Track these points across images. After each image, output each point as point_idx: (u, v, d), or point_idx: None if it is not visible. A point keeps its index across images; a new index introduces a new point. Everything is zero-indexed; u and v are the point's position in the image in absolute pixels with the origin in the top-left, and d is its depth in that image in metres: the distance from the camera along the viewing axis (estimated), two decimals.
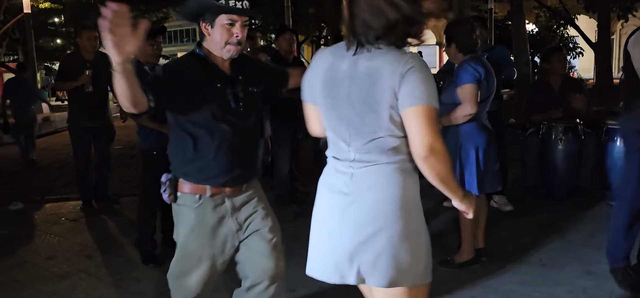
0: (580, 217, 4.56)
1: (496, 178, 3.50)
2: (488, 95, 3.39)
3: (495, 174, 3.48)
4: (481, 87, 3.26)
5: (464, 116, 3.26)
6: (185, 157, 2.27)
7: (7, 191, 6.51)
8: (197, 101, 2.20)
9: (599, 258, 3.63)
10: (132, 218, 4.84)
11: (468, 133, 3.35)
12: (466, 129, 3.34)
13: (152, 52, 3.73)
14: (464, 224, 3.49)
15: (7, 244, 4.38)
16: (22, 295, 3.41)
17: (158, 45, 3.78)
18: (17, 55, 22.84)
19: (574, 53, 20.17)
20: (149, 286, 3.46)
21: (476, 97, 3.24)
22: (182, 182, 2.30)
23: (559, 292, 3.20)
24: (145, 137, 3.74)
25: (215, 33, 2.19)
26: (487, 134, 3.41)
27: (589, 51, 19.09)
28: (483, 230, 3.62)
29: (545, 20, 21.26)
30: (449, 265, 3.54)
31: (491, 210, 4.72)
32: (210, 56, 2.26)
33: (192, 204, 2.28)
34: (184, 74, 2.23)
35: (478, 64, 3.28)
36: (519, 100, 10.59)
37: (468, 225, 3.48)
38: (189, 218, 2.31)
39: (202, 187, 2.26)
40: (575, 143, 4.87)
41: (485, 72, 3.28)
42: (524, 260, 3.67)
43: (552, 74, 5.03)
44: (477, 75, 3.23)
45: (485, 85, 3.30)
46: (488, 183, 3.44)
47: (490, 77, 3.34)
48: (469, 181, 3.37)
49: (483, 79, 3.27)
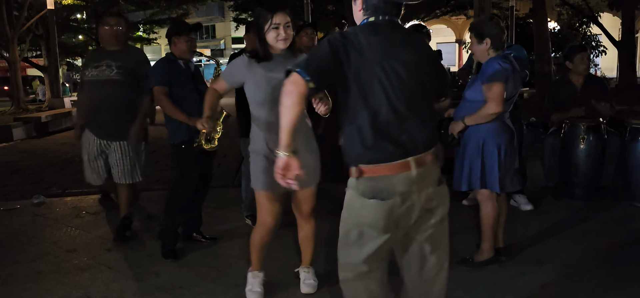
0: (602, 217, 4.48)
1: (516, 177, 3.47)
2: (513, 95, 3.35)
3: (515, 173, 3.45)
4: (507, 86, 3.23)
5: (489, 115, 3.22)
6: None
7: (30, 185, 6.62)
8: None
9: (622, 260, 3.58)
10: (151, 213, 4.89)
11: (491, 132, 3.31)
12: (489, 127, 3.30)
13: (187, 48, 3.79)
14: (485, 223, 3.45)
15: (29, 236, 4.45)
16: (43, 287, 3.45)
17: (192, 41, 3.84)
18: (40, 51, 23.19)
19: (597, 51, 19.87)
20: (168, 280, 3.48)
21: (502, 97, 3.20)
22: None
23: (578, 292, 3.15)
24: (175, 130, 3.76)
25: None
26: (509, 134, 3.37)
27: (612, 49, 18.78)
28: (503, 229, 3.58)
29: (567, 17, 20.98)
30: (468, 264, 3.51)
31: (511, 209, 4.68)
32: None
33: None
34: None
35: (506, 62, 3.24)
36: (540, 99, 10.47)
37: (489, 224, 3.45)
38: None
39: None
40: (597, 142, 4.79)
41: (512, 71, 3.25)
42: (544, 261, 3.62)
43: (574, 73, 4.95)
44: (506, 74, 3.20)
45: (511, 84, 3.26)
46: (508, 182, 3.40)
47: (516, 76, 3.30)
48: (490, 180, 3.34)
49: (510, 78, 3.23)
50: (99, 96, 4.06)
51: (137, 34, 25.98)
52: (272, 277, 3.26)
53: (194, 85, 3.84)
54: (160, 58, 3.97)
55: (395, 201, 2.03)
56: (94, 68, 4.10)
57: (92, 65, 4.13)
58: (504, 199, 3.58)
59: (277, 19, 2.83)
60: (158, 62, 3.92)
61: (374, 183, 2.04)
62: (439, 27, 30.53)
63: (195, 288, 3.36)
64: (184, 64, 3.83)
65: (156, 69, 3.85)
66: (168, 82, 3.72)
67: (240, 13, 23.06)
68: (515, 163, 3.44)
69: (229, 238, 4.19)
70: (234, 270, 3.59)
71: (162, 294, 3.30)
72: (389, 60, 2.01)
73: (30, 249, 4.13)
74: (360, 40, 2.00)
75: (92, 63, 4.16)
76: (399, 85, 2.02)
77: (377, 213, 2.04)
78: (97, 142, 4.13)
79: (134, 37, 25.53)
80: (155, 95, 3.80)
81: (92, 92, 4.14)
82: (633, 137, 4.74)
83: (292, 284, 3.28)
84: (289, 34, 2.87)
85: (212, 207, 4.80)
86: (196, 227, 4.14)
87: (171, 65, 3.78)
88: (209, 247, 4.00)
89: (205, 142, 3.52)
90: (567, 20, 21.18)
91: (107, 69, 4.06)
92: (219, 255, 3.86)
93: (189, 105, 3.70)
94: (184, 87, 3.77)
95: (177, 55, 3.81)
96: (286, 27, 2.85)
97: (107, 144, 4.12)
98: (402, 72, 2.03)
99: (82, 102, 4.39)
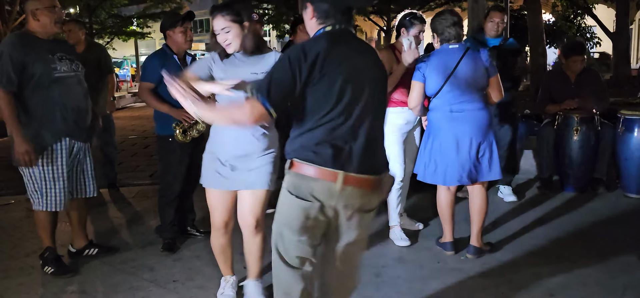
0: (595, 208, 4.51)
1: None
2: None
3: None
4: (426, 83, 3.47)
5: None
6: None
7: None
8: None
9: (614, 250, 3.60)
10: (145, 207, 4.89)
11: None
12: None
13: (183, 39, 3.74)
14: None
15: (23, 231, 4.45)
16: (38, 281, 3.45)
17: (188, 32, 3.78)
18: None
19: (592, 43, 19.90)
20: (163, 274, 3.48)
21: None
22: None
23: (572, 284, 3.17)
24: (163, 123, 3.76)
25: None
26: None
27: (606, 41, 18.80)
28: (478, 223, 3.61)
29: (562, 9, 20.98)
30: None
31: (507, 203, 4.70)
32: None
33: None
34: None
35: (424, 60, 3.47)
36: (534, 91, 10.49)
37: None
38: None
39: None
40: (591, 134, 4.81)
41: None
42: (538, 252, 3.64)
43: (568, 69, 4.95)
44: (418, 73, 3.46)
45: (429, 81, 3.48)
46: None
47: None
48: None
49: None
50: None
51: (131, 28, 25.85)
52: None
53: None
54: (155, 51, 3.94)
55: (312, 205, 2.02)
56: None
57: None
58: (479, 191, 3.57)
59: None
60: (151, 56, 3.89)
61: (299, 180, 2.03)
62: None
63: (189, 283, 3.36)
64: (179, 59, 3.78)
65: (146, 63, 3.83)
66: (156, 79, 3.65)
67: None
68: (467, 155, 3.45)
69: None
70: None
71: (156, 288, 3.30)
72: (346, 67, 1.99)
73: (24, 244, 4.13)
74: (323, 48, 1.97)
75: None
76: (352, 95, 2.00)
77: (295, 212, 2.04)
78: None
79: (127, 32, 25.43)
80: (139, 91, 3.81)
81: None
82: (626, 128, 4.76)
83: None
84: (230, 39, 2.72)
85: (205, 201, 4.78)
86: (190, 220, 4.15)
87: (163, 60, 3.72)
88: (203, 241, 4.00)
89: (181, 134, 3.63)
90: (562, 12, 21.19)
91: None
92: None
93: (176, 100, 3.69)
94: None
95: (174, 50, 3.76)
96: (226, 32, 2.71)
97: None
98: (357, 82, 2.02)
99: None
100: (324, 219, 2.07)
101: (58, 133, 3.37)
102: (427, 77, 3.42)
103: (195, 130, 3.71)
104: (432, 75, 3.40)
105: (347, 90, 1.99)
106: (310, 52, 1.96)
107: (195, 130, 3.71)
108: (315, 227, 2.07)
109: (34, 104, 3.31)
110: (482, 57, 3.43)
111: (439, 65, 3.39)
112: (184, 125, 3.66)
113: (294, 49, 1.99)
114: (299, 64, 1.94)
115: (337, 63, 1.98)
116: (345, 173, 1.99)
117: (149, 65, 3.77)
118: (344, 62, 2.00)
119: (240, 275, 3.21)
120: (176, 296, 3.20)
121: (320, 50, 1.97)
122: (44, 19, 3.31)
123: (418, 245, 3.82)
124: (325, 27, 2.07)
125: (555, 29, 20.00)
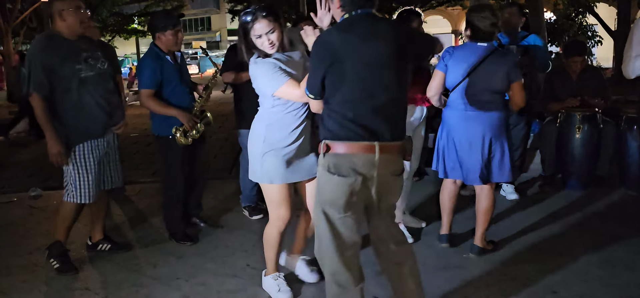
0: (597, 206, 4.51)
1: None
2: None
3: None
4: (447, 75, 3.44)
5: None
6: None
7: (26, 178, 6.60)
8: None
9: (616, 248, 3.60)
10: (148, 204, 4.89)
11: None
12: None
13: (174, 41, 3.74)
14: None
15: (26, 229, 4.45)
16: (41, 279, 3.46)
17: (179, 34, 3.78)
18: None
19: (593, 41, 19.85)
20: (166, 271, 3.49)
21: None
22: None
23: (574, 281, 3.17)
24: (160, 122, 3.76)
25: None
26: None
27: (608, 39, 18.77)
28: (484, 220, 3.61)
29: (563, 8, 20.92)
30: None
31: (504, 200, 4.70)
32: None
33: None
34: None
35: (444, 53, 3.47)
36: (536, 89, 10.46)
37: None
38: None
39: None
40: (593, 132, 4.81)
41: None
42: (541, 249, 3.64)
43: (568, 68, 4.95)
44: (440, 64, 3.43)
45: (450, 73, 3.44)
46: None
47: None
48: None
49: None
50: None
51: (132, 27, 25.84)
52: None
53: (182, 78, 3.82)
54: (147, 55, 3.79)
55: (356, 180, 2.24)
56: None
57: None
58: (487, 192, 3.53)
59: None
60: (145, 61, 3.76)
61: (338, 159, 2.24)
62: (434, 17, 30.46)
63: (193, 279, 3.37)
64: (172, 58, 3.77)
65: (142, 69, 3.74)
66: (157, 83, 3.66)
67: (235, 5, 22.96)
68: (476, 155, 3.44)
69: (226, 229, 4.20)
70: (231, 261, 3.59)
71: (160, 285, 3.31)
72: (362, 51, 2.22)
73: (27, 242, 4.13)
74: (337, 37, 2.24)
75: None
76: (371, 75, 2.23)
77: (339, 189, 2.25)
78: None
79: (128, 30, 25.40)
80: (142, 99, 3.75)
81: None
82: (628, 126, 4.76)
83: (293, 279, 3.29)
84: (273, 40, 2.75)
85: (209, 198, 4.80)
86: (196, 213, 4.19)
87: (158, 63, 3.70)
88: (206, 238, 4.01)
89: (183, 136, 3.65)
90: (563, 10, 21.13)
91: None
92: (216, 246, 3.86)
93: (176, 101, 3.71)
94: (171, 82, 3.74)
95: (164, 50, 3.73)
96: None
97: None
98: (374, 63, 2.24)
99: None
100: (366, 192, 2.31)
101: (89, 132, 3.43)
102: (449, 68, 3.40)
103: (195, 131, 3.71)
104: (454, 67, 3.38)
105: (366, 71, 2.23)
106: (329, 36, 2.27)
107: (195, 131, 3.71)
108: (359, 201, 2.31)
109: (64, 106, 3.36)
110: (511, 59, 3.37)
111: (463, 59, 3.36)
112: (186, 127, 3.67)
113: (319, 38, 2.31)
114: (320, 52, 2.26)
115: (352, 49, 2.22)
116: (381, 143, 2.26)
117: (146, 71, 3.70)
118: (362, 44, 2.23)
119: (240, 275, 3.21)
120: (179, 293, 3.21)
121: (335, 32, 2.26)
122: (70, 19, 3.35)
123: (421, 242, 3.82)
124: (344, 15, 2.32)
125: (557, 27, 19.94)
